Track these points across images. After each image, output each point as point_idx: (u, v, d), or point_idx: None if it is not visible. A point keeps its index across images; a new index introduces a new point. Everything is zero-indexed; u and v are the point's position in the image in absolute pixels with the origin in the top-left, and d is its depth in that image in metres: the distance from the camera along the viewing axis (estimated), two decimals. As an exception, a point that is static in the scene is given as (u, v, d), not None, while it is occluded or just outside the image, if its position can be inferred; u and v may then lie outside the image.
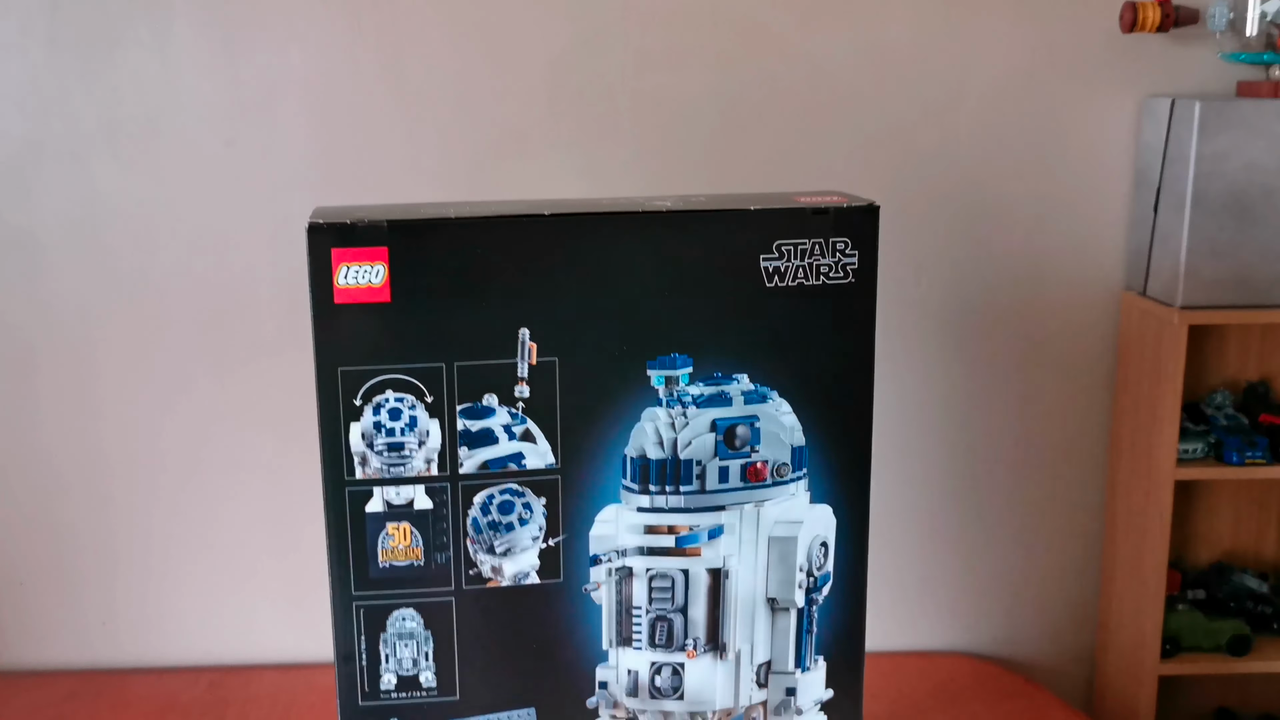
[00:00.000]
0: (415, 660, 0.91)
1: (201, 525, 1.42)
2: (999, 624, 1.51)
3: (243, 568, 1.43)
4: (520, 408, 0.89)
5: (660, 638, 0.94)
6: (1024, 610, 1.51)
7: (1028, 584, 1.50)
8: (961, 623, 1.50)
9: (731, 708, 0.96)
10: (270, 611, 1.43)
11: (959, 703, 1.39)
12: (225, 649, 1.45)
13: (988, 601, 1.50)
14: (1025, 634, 1.51)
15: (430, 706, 0.92)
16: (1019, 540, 1.48)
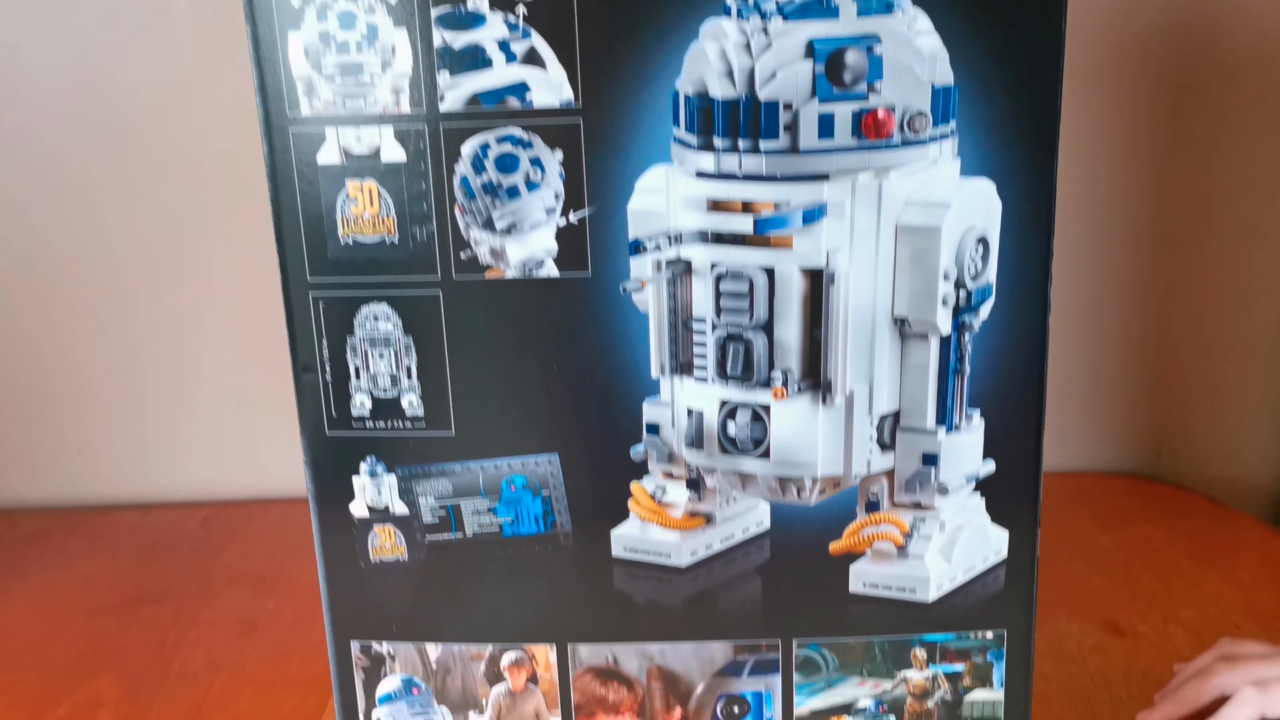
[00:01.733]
0: (394, 377, 0.67)
1: (192, 343, 1.26)
2: (1167, 445, 1.29)
3: (241, 390, 1.27)
4: (522, 15, 0.60)
5: (734, 366, 0.66)
6: (1198, 429, 1.27)
7: (1202, 396, 1.24)
8: (1122, 442, 1.30)
9: (840, 475, 0.67)
10: (272, 441, 1.27)
11: (1131, 524, 1.17)
12: (222, 482, 1.31)
13: (1154, 418, 1.27)
14: (1201, 455, 1.28)
15: (418, 443, 0.68)
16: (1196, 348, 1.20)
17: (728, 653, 0.73)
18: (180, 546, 1.23)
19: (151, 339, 1.28)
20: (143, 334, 1.28)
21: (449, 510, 0.71)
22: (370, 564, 0.72)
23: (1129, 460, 1.31)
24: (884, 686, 0.74)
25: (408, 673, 0.75)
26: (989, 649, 0.73)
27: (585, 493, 0.70)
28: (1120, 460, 1.31)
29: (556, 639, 0.74)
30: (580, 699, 0.75)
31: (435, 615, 0.73)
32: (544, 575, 0.72)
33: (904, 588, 0.71)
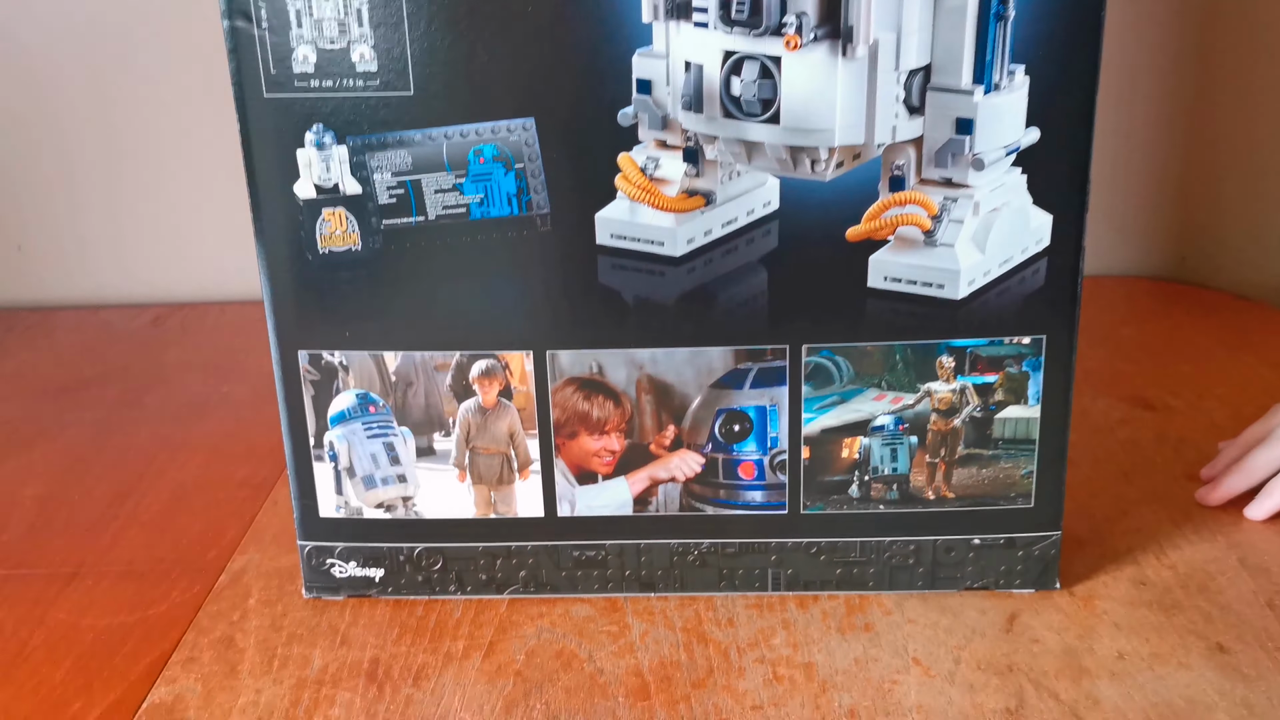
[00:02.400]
0: (342, 24, 0.58)
1: (144, 139, 1.16)
2: (1192, 249, 1.21)
3: (196, 187, 1.18)
4: None
5: (740, 9, 0.56)
6: (1233, 239, 1.18)
7: (1229, 198, 1.16)
8: (1145, 246, 1.23)
9: (860, 144, 0.58)
10: (230, 242, 1.18)
11: (1157, 318, 1.11)
12: (176, 284, 1.23)
13: (1188, 227, 1.20)
14: (1227, 258, 1.20)
15: (372, 106, 0.59)
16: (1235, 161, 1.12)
17: (728, 360, 0.65)
18: (129, 340, 1.14)
19: (99, 133, 1.18)
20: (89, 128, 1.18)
21: (408, 188, 0.62)
22: (319, 256, 0.63)
23: (1152, 265, 1.23)
24: (905, 401, 0.65)
25: (363, 387, 0.66)
26: (1025, 357, 0.64)
27: (565, 166, 0.61)
28: (1142, 265, 1.23)
29: (533, 345, 0.65)
30: (560, 415, 0.66)
31: (394, 318, 0.64)
32: (518, 267, 0.63)
33: (931, 282, 0.62)
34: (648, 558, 0.69)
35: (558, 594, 0.70)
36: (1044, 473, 0.66)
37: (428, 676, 0.64)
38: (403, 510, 0.68)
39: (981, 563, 0.68)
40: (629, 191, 0.61)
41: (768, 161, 0.60)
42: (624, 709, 0.61)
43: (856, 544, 0.68)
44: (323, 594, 0.71)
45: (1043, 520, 0.67)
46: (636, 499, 0.67)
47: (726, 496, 0.67)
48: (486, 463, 0.67)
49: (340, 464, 0.67)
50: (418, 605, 0.70)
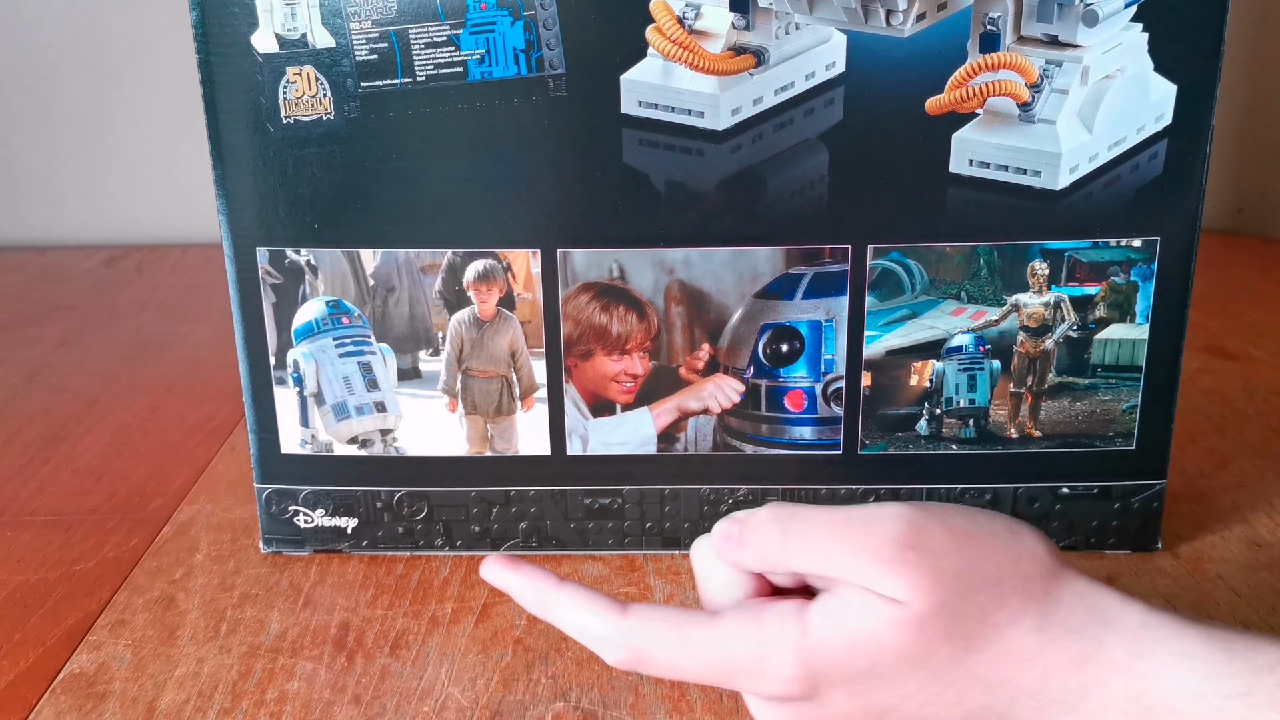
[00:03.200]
0: None
1: (94, 71, 1.05)
2: (1249, 200, 1.09)
3: (159, 121, 1.08)
4: None
5: None
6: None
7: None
8: (1208, 200, 1.08)
9: (947, -8, 0.47)
10: (182, 184, 1.09)
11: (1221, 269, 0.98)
12: (130, 224, 1.12)
13: (1245, 179, 1.08)
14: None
15: (348, -69, 0.47)
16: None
17: (777, 264, 0.53)
18: (79, 280, 1.02)
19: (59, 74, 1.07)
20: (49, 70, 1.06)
21: (392, 41, 0.51)
22: (281, 127, 0.52)
23: (1208, 218, 1.13)
24: (988, 315, 0.54)
25: (335, 293, 0.55)
26: (1135, 264, 0.53)
27: (585, 15, 0.49)
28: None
29: (541, 242, 0.53)
30: (573, 330, 0.55)
31: (372, 207, 0.53)
32: (525, 143, 0.51)
33: (1026, 167, 0.51)
34: (673, 507, 0.58)
35: (566, 550, 0.59)
36: (1150, 408, 0.55)
37: (408, 644, 0.52)
38: (381, 446, 0.57)
39: (1069, 516, 0.57)
40: (662, 47, 0.50)
41: (834, 10, 0.49)
42: (647, 683, 0.50)
43: (923, 492, 0.57)
44: (284, 548, 0.59)
45: (1146, 466, 0.56)
46: (661, 434, 0.56)
47: (769, 433, 0.56)
48: (483, 388, 0.56)
49: (306, 388, 0.56)
50: (397, 562, 0.59)
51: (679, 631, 0.41)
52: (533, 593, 0.43)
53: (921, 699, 0.40)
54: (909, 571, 0.39)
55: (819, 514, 0.41)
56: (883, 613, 0.39)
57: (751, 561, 0.43)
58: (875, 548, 0.39)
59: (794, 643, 0.40)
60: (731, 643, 0.41)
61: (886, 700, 0.40)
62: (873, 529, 0.40)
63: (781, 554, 0.41)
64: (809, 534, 0.41)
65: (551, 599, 0.43)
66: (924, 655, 0.39)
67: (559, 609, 0.43)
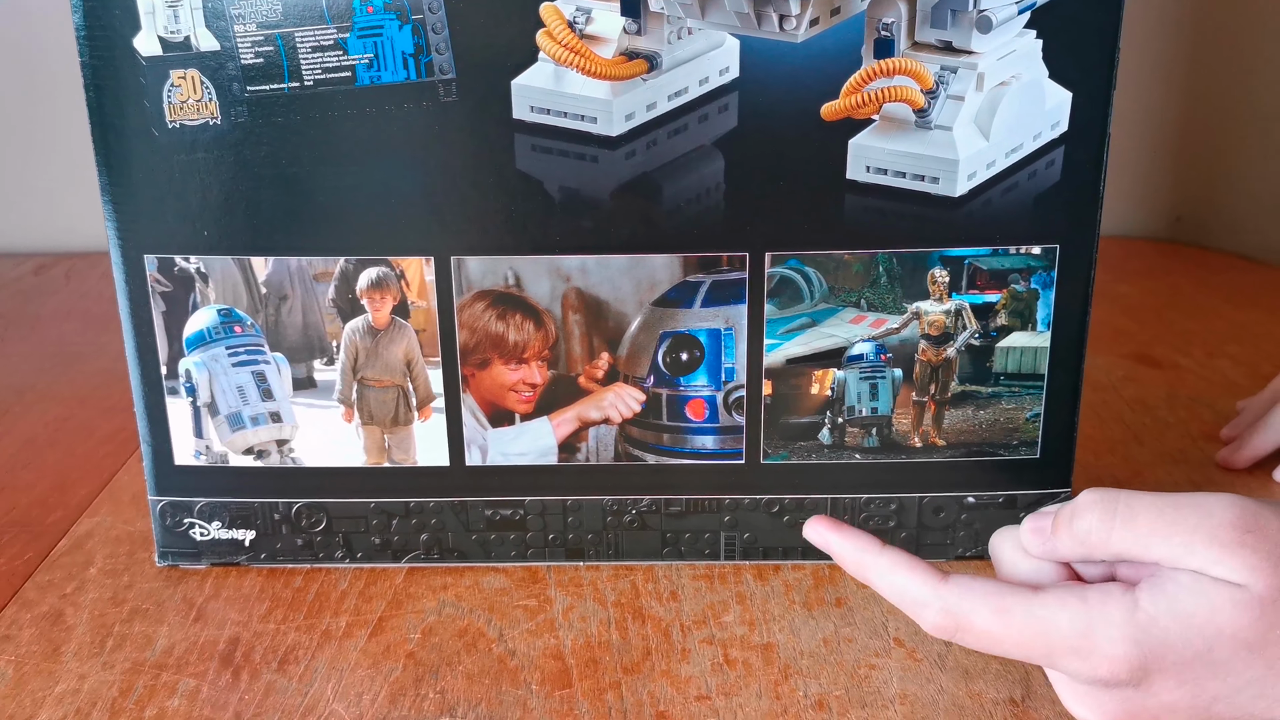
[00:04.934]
0: None
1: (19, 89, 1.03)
2: (1187, 209, 1.12)
3: (76, 139, 1.04)
4: None
5: None
6: (1230, 200, 1.09)
7: (1237, 170, 1.07)
8: (1140, 207, 1.13)
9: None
10: None
11: (1156, 276, 1.00)
12: (63, 232, 1.11)
13: (1183, 187, 1.11)
14: (1225, 216, 1.10)
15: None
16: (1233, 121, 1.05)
17: (675, 272, 0.53)
18: (4, 289, 1.01)
19: None
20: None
21: (278, 44, 0.50)
22: (168, 132, 0.51)
23: (1146, 226, 1.13)
24: (889, 324, 0.54)
25: (226, 302, 0.54)
26: (1035, 271, 0.53)
27: (475, 19, 0.49)
28: (1136, 225, 1.13)
29: (434, 249, 0.52)
30: (469, 338, 0.54)
31: (263, 214, 0.51)
32: (416, 149, 0.50)
33: (923, 174, 0.51)
34: (575, 518, 0.57)
35: (467, 562, 0.58)
36: (1053, 415, 0.55)
37: (296, 659, 0.51)
38: (277, 457, 0.56)
39: (976, 526, 0.57)
40: (553, 52, 0.49)
41: (725, 15, 0.49)
42: (537, 699, 0.49)
43: (827, 502, 0.56)
44: (180, 561, 0.58)
45: (1050, 475, 0.56)
46: (562, 445, 0.55)
47: (671, 443, 0.55)
48: (379, 398, 0.55)
49: (199, 399, 0.55)
50: (296, 575, 0.57)
51: (998, 601, 0.41)
52: (854, 554, 0.44)
53: (1254, 691, 0.39)
54: (1248, 554, 0.38)
55: (1145, 498, 0.41)
56: (1220, 594, 0.38)
57: (1068, 547, 0.42)
58: (1211, 529, 0.39)
59: (1124, 621, 0.39)
60: (1055, 617, 0.40)
61: (1217, 690, 0.39)
62: (1206, 511, 0.39)
63: (1105, 537, 0.41)
64: (1136, 516, 0.41)
65: (872, 561, 0.44)
66: (1261, 642, 0.38)
67: (879, 572, 0.43)
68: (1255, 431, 0.66)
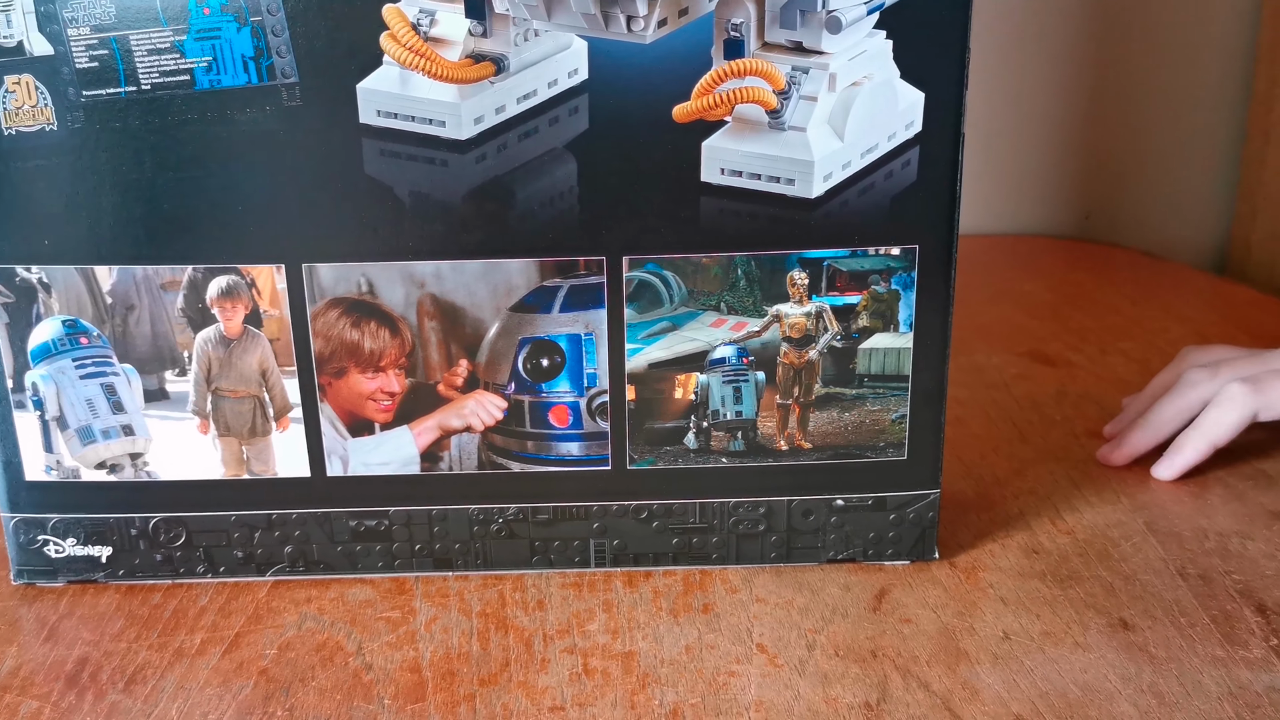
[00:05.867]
0: None
1: None
2: (1096, 207, 1.13)
3: None
4: None
5: None
6: (1139, 197, 1.11)
7: (1145, 168, 1.10)
8: (1048, 204, 1.14)
9: (687, -3, 0.46)
10: None
11: (1059, 273, 1.01)
12: None
13: (1092, 185, 1.12)
14: (1133, 215, 1.12)
15: (60, -68, 0.45)
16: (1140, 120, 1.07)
17: (531, 277, 0.52)
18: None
19: None
20: None
21: (113, 48, 0.48)
22: (3, 139, 0.49)
23: (1055, 223, 1.14)
24: (750, 327, 0.53)
25: (70, 313, 0.52)
26: (895, 272, 0.52)
27: (315, 21, 0.47)
28: (1045, 223, 1.14)
29: (285, 257, 0.51)
30: (324, 347, 0.53)
31: (104, 221, 0.50)
32: (261, 155, 0.49)
33: (778, 175, 0.50)
34: (441, 528, 0.56)
35: (333, 574, 0.57)
36: (919, 417, 0.54)
37: (144, 679, 0.50)
38: (132, 471, 0.54)
39: (846, 529, 0.56)
40: (398, 55, 0.48)
41: (572, 16, 0.48)
42: (389, 713, 0.48)
43: (695, 506, 0.56)
44: (37, 579, 0.56)
45: (918, 476, 0.56)
46: (424, 454, 0.54)
47: (536, 450, 0.55)
48: (234, 409, 0.54)
49: (48, 412, 0.53)
50: (156, 591, 0.56)
51: None
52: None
53: None
54: None
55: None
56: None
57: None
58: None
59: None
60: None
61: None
62: None
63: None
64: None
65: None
66: None
67: None
68: (1134, 429, 0.67)
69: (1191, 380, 0.65)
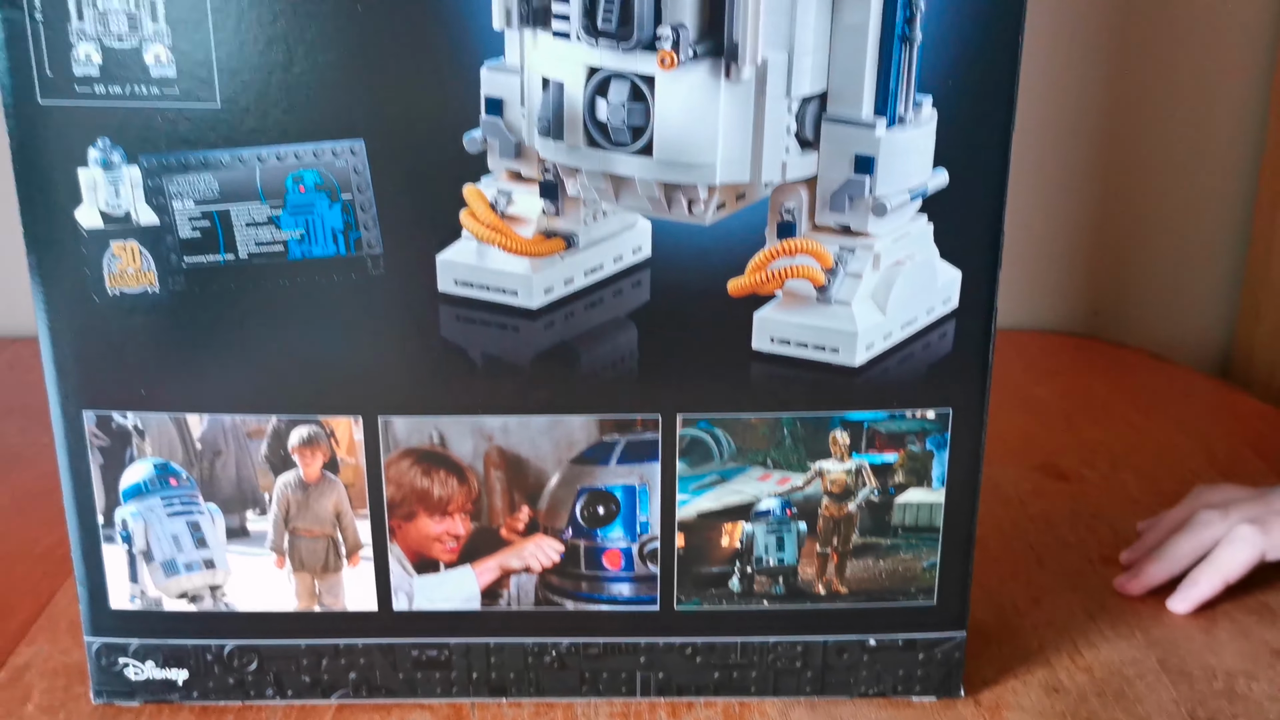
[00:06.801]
0: (132, 17, 0.48)
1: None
2: (1104, 304, 1.17)
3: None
4: None
5: (608, 17, 0.48)
6: (1145, 294, 1.16)
7: (1142, 253, 1.14)
8: (1058, 300, 1.18)
9: (745, 182, 0.50)
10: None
11: (1068, 376, 1.04)
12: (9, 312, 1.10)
13: (1100, 282, 1.16)
14: (1140, 313, 1.17)
15: (170, 120, 0.49)
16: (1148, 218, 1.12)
17: (591, 432, 0.56)
18: (-52, 384, 1.02)
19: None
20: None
21: (214, 220, 0.52)
22: (108, 298, 0.53)
23: (1063, 318, 1.18)
24: (793, 481, 0.57)
25: (162, 456, 0.56)
26: (929, 434, 0.56)
27: (401, 199, 0.51)
28: (1053, 318, 1.18)
29: (363, 409, 0.55)
30: (396, 493, 0.56)
31: (198, 375, 0.54)
32: (346, 318, 0.53)
33: (823, 345, 0.54)
34: (498, 659, 0.59)
35: (394, 699, 0.60)
36: (948, 566, 0.58)
37: (223, 804, 0.53)
38: (210, 601, 0.58)
39: (877, 666, 0.59)
40: (476, 231, 0.52)
41: (638, 200, 0.52)
42: None
43: (737, 644, 0.59)
44: (115, 699, 0.59)
45: (946, 619, 0.59)
46: (485, 591, 0.57)
47: (589, 590, 0.58)
48: (309, 547, 0.57)
49: (135, 546, 0.57)
50: (228, 713, 0.59)
51: None
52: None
53: None
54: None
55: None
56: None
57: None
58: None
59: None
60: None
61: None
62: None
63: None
64: None
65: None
66: None
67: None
68: (1150, 562, 0.70)
69: (1204, 520, 0.69)
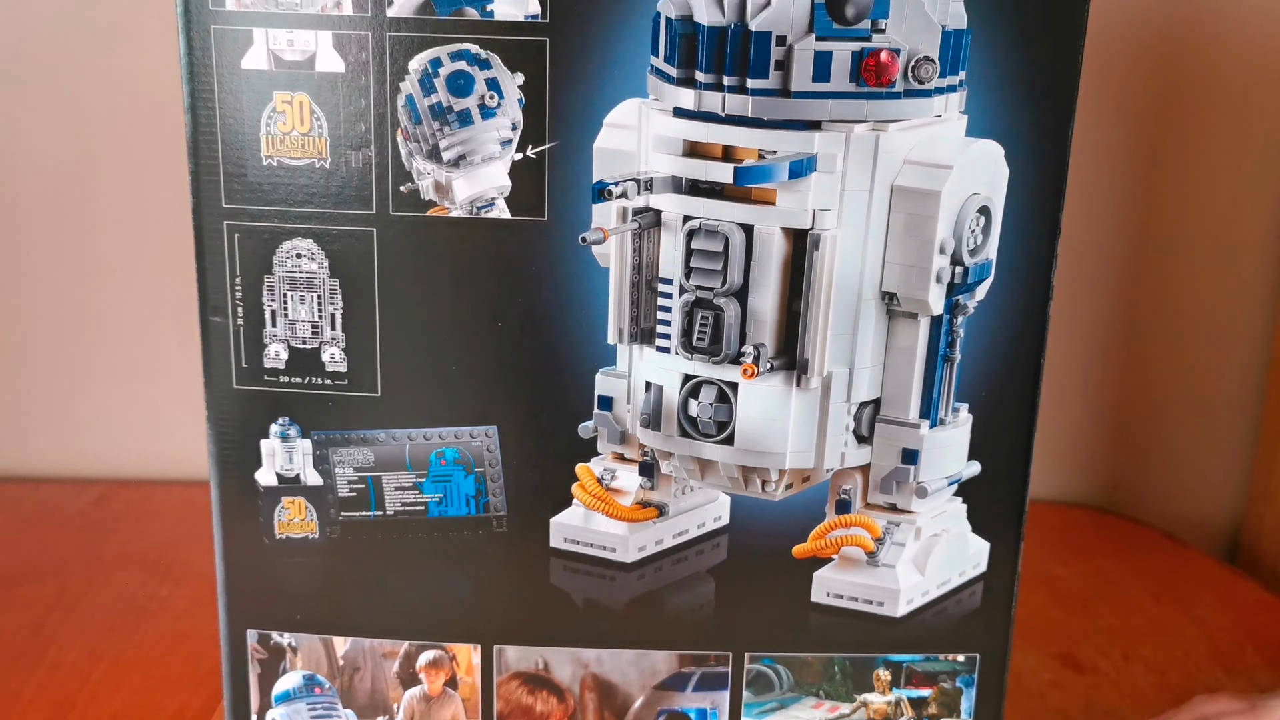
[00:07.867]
0: (315, 325, 0.59)
1: (93, 305, 1.15)
2: (1123, 479, 1.24)
3: (145, 361, 1.16)
4: (490, -85, 0.53)
5: (701, 337, 0.58)
6: (1159, 470, 1.23)
7: (1161, 431, 1.22)
8: (1080, 473, 1.25)
9: (810, 468, 0.59)
10: (177, 417, 1.17)
11: (1088, 557, 1.11)
12: (120, 459, 1.20)
13: (1113, 455, 1.24)
14: (1156, 491, 1.24)
15: (338, 404, 0.60)
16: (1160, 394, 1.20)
17: (672, 664, 0.65)
18: (68, 525, 1.12)
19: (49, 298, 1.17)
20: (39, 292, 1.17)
21: (368, 483, 0.63)
22: (275, 541, 0.63)
23: (1083, 491, 1.26)
24: (841, 710, 0.66)
25: (310, 669, 0.66)
26: (959, 674, 0.66)
27: (524, 473, 0.62)
28: (1074, 490, 1.26)
29: (481, 639, 0.65)
30: (504, 708, 0.66)
31: (345, 605, 0.64)
32: (472, 565, 0.63)
33: (871, 599, 0.64)
34: (582, 846, 0.69)
35: None
36: (975, 783, 0.67)
37: None
38: (339, 788, 0.68)
39: None
40: (585, 500, 0.62)
41: (720, 479, 0.62)
42: None
43: (790, 843, 0.68)
44: None
45: (973, 827, 0.68)
46: (574, 790, 0.67)
47: (664, 792, 0.67)
48: (427, 747, 0.67)
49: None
50: None
51: None
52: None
53: None
54: None
55: None
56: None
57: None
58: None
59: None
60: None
61: None
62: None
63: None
64: None
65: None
66: None
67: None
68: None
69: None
